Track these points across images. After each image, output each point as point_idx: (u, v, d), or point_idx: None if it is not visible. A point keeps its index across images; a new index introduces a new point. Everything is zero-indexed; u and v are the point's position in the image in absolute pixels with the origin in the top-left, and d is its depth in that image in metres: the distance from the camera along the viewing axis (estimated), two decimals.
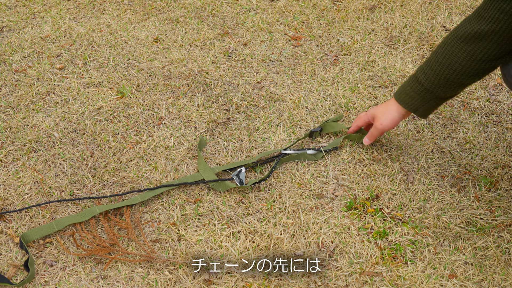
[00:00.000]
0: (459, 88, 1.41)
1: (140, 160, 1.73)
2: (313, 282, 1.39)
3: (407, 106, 1.50)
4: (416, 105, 1.48)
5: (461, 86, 1.40)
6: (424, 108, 1.48)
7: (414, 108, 1.49)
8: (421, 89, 1.45)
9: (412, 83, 1.47)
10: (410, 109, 1.50)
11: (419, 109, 1.49)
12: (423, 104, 1.47)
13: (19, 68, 2.11)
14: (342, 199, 1.61)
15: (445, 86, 1.40)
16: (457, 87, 1.41)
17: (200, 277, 1.40)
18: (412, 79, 1.48)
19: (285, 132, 1.82)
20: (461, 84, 1.39)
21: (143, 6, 2.48)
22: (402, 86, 1.51)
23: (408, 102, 1.49)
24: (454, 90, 1.42)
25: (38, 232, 1.47)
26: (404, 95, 1.50)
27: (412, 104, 1.49)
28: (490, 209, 1.58)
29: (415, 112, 1.50)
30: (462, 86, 1.40)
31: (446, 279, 1.40)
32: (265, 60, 2.16)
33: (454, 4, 2.45)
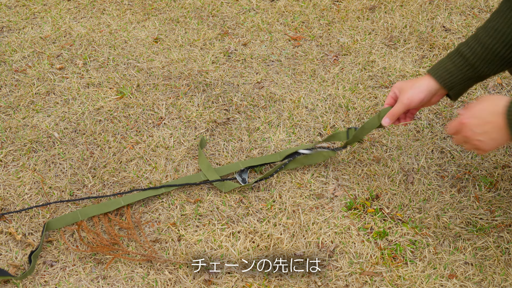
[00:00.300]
0: (506, 66, 1.33)
1: (140, 160, 1.73)
2: (313, 282, 1.39)
3: (443, 83, 1.36)
4: (453, 83, 1.35)
5: (509, 63, 1.32)
6: (460, 88, 1.36)
7: (451, 86, 1.36)
8: (464, 65, 1.33)
9: (455, 57, 1.35)
10: (446, 86, 1.36)
11: (455, 87, 1.36)
12: (461, 83, 1.35)
13: (19, 68, 2.11)
14: (342, 199, 1.61)
15: (492, 63, 1.31)
16: (505, 64, 1.32)
17: (200, 277, 1.40)
18: (454, 54, 1.36)
19: (285, 132, 1.82)
20: (510, 61, 1.31)
21: (143, 6, 2.48)
22: (441, 62, 1.38)
23: (446, 78, 1.35)
24: (500, 67, 1.32)
25: (63, 220, 1.49)
26: (442, 70, 1.36)
27: (450, 81, 1.35)
28: (490, 209, 1.58)
29: (450, 90, 1.37)
30: (510, 63, 1.32)
31: (446, 279, 1.40)
32: (265, 60, 2.16)
33: (454, 4, 2.45)
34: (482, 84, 2.02)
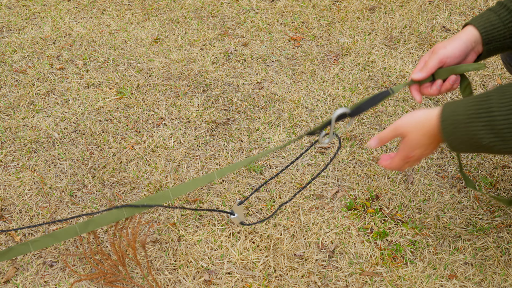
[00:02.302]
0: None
1: (140, 160, 1.73)
2: (313, 283, 1.39)
3: (485, 33, 1.22)
4: (494, 37, 1.22)
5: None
6: (495, 46, 1.24)
7: (490, 39, 1.22)
8: (509, 18, 1.21)
9: (499, 9, 1.22)
10: (485, 38, 1.22)
11: (493, 43, 1.23)
12: (500, 40, 1.22)
13: (19, 69, 2.11)
14: (342, 199, 1.61)
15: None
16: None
17: (200, 277, 1.40)
18: (497, 7, 1.23)
19: (285, 132, 1.82)
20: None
21: (143, 7, 2.48)
22: (482, 14, 1.25)
23: (488, 30, 1.22)
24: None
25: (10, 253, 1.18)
26: (485, 21, 1.23)
27: (491, 33, 1.22)
28: (490, 209, 1.58)
29: (487, 45, 1.23)
30: None
31: (446, 280, 1.40)
32: (265, 61, 2.16)
33: (454, 4, 2.45)
34: (482, 85, 2.02)
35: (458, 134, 1.02)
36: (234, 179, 1.66)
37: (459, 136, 1.02)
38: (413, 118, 1.08)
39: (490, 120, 0.98)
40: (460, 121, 1.01)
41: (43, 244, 1.17)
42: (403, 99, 1.95)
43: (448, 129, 1.03)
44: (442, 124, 1.03)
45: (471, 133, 1.00)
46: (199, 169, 1.70)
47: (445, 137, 1.04)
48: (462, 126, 1.01)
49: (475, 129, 1.00)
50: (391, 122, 1.85)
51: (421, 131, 1.07)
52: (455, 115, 1.03)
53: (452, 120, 1.03)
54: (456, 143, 1.04)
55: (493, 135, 0.98)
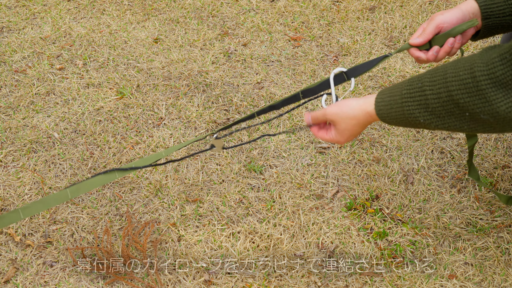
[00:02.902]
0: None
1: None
2: (313, 283, 1.39)
3: (484, 6, 1.22)
4: (493, 11, 1.23)
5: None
6: (495, 22, 1.23)
7: (488, 14, 1.23)
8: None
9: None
10: (484, 12, 1.21)
11: (492, 18, 1.23)
12: (500, 16, 1.22)
13: (19, 69, 2.11)
14: (342, 199, 1.61)
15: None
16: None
17: (200, 277, 1.40)
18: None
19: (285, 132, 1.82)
20: None
21: (143, 7, 2.48)
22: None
23: (488, 3, 1.22)
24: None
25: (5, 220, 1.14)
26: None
27: (490, 8, 1.22)
28: (490, 209, 1.58)
29: (485, 20, 1.22)
30: None
31: (446, 280, 1.40)
32: (265, 61, 2.16)
33: (454, 4, 2.45)
34: None
35: (394, 114, 1.06)
36: (234, 179, 1.66)
37: (395, 116, 1.06)
38: (342, 111, 1.13)
39: (423, 99, 1.01)
40: (395, 102, 1.05)
41: (33, 211, 1.16)
42: None
43: (383, 111, 1.06)
44: (377, 106, 1.07)
45: (406, 112, 1.04)
46: (199, 169, 1.70)
47: (381, 118, 1.08)
48: (397, 106, 1.05)
49: (409, 108, 1.03)
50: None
51: (352, 121, 1.12)
52: (391, 96, 1.06)
53: (387, 101, 1.06)
54: (393, 122, 1.08)
55: (427, 113, 1.01)
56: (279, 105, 1.27)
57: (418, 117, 1.03)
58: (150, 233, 1.50)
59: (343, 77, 1.26)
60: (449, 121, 1.00)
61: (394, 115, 1.06)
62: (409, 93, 1.04)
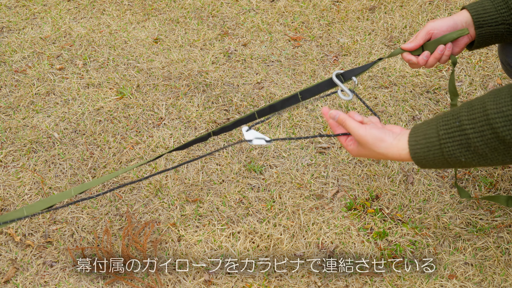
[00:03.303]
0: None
1: (140, 160, 1.73)
2: (313, 283, 1.39)
3: (476, 16, 1.25)
4: (485, 21, 1.25)
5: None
6: (488, 31, 1.26)
7: (481, 23, 1.25)
8: (502, 5, 1.24)
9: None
10: (476, 21, 1.25)
11: (484, 27, 1.25)
12: (493, 25, 1.25)
13: (19, 69, 2.11)
14: (342, 199, 1.61)
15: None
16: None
17: (200, 277, 1.40)
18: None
19: (285, 132, 1.82)
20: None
21: (143, 7, 2.48)
22: (479, 0, 1.28)
23: (480, 13, 1.25)
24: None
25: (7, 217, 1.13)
26: (478, 5, 1.26)
27: (483, 17, 1.25)
28: (490, 209, 1.58)
29: (478, 29, 1.26)
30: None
31: (446, 280, 1.40)
32: (265, 61, 2.16)
33: (454, 4, 2.45)
34: (482, 85, 2.02)
35: (431, 157, 1.01)
36: (234, 179, 1.66)
37: (432, 158, 1.01)
38: (373, 143, 1.06)
39: (464, 138, 0.96)
40: (432, 144, 1.00)
41: (37, 208, 1.15)
42: (403, 99, 1.95)
43: (420, 154, 1.01)
44: (412, 150, 1.02)
45: (446, 155, 0.99)
46: (199, 169, 1.70)
47: (416, 162, 1.02)
48: (435, 149, 0.99)
49: (449, 150, 0.98)
50: (391, 122, 1.85)
51: (378, 156, 1.07)
52: (426, 138, 1.01)
53: (423, 144, 1.01)
54: (429, 164, 1.02)
55: (469, 152, 0.97)
56: (279, 105, 1.26)
57: (460, 157, 0.98)
58: (150, 233, 1.50)
59: (340, 79, 1.29)
60: (492, 157, 0.95)
61: (432, 158, 1.00)
62: (447, 133, 0.98)
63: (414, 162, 1.03)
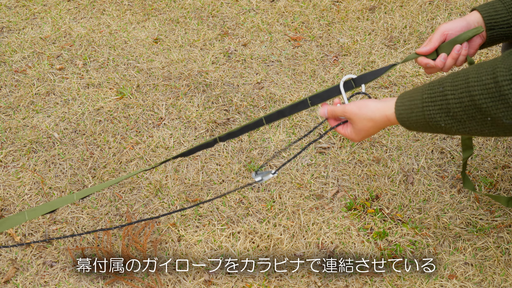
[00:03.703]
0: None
1: (140, 160, 1.73)
2: (313, 283, 1.39)
3: (488, 18, 1.25)
4: (497, 22, 1.25)
5: None
6: (500, 32, 1.26)
7: (492, 25, 1.26)
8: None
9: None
10: (488, 23, 1.26)
11: (496, 29, 1.26)
12: (504, 26, 1.26)
13: (19, 69, 2.11)
14: (342, 199, 1.61)
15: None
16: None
17: (200, 277, 1.40)
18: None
19: (285, 132, 1.82)
20: None
21: (143, 7, 2.48)
22: (489, 1, 1.29)
23: (492, 15, 1.26)
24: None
25: (8, 222, 1.18)
26: (489, 7, 1.27)
27: (494, 19, 1.26)
28: (490, 209, 1.58)
29: (490, 31, 1.26)
30: None
31: (446, 280, 1.40)
32: (265, 61, 2.16)
33: (454, 4, 2.45)
34: None
35: (414, 118, 1.05)
36: (234, 179, 1.66)
37: (415, 120, 1.06)
38: (360, 112, 1.13)
39: (444, 103, 1.01)
40: (416, 106, 1.04)
41: (39, 213, 1.17)
42: None
43: (404, 115, 1.06)
44: (397, 110, 1.07)
45: (427, 117, 1.03)
46: (199, 169, 1.70)
47: (401, 122, 1.07)
48: (418, 110, 1.04)
49: (430, 113, 1.03)
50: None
51: (369, 123, 1.12)
52: (411, 100, 1.06)
53: (408, 105, 1.06)
54: (412, 126, 1.07)
55: (449, 117, 1.01)
56: (287, 111, 1.28)
57: (439, 121, 1.02)
58: (150, 233, 1.50)
59: (351, 84, 1.27)
60: (470, 125, 0.99)
61: (415, 119, 1.06)
62: (430, 97, 1.03)
63: (399, 123, 1.08)
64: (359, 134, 1.16)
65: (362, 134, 1.16)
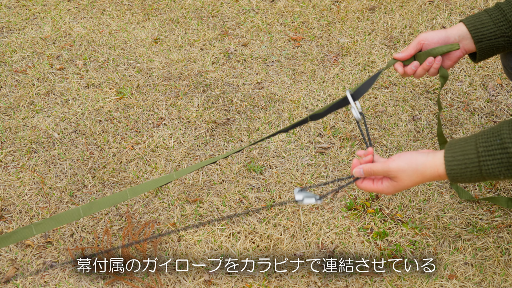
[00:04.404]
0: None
1: (140, 160, 1.73)
2: (313, 283, 1.39)
3: (474, 30, 1.25)
4: (484, 35, 1.25)
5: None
6: (488, 44, 1.26)
7: (480, 37, 1.25)
8: (500, 18, 1.24)
9: (492, 10, 1.25)
10: (475, 36, 1.25)
11: (484, 41, 1.25)
12: (492, 38, 1.25)
13: (19, 69, 2.11)
14: (342, 199, 1.61)
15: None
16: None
17: (200, 277, 1.40)
18: (491, 8, 1.27)
19: (285, 132, 1.82)
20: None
21: (143, 7, 2.48)
22: (476, 14, 1.28)
23: (478, 28, 1.25)
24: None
25: (15, 236, 1.18)
26: (475, 19, 1.26)
27: (481, 32, 1.25)
28: (490, 209, 1.58)
29: (478, 43, 1.26)
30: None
31: (446, 280, 1.40)
32: (265, 61, 2.16)
33: (454, 4, 2.45)
34: (482, 85, 2.02)
35: (468, 174, 0.99)
36: (234, 179, 1.66)
37: (469, 175, 1.00)
38: (409, 166, 1.04)
39: (505, 157, 0.95)
40: (471, 161, 0.98)
41: (46, 227, 1.17)
42: (403, 99, 1.95)
43: (457, 171, 1.00)
44: (448, 166, 1.01)
45: (484, 172, 0.98)
46: (199, 169, 1.70)
47: (451, 179, 1.01)
48: (473, 166, 0.98)
49: (489, 168, 0.97)
50: (390, 123, 1.85)
51: (418, 178, 1.05)
52: (464, 154, 0.99)
53: (461, 160, 0.99)
54: (465, 181, 1.01)
55: (509, 171, 0.96)
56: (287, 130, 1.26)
57: (499, 175, 0.97)
58: (150, 233, 1.50)
59: (347, 99, 1.23)
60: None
61: (469, 175, 0.99)
62: (487, 150, 0.97)
63: (448, 179, 1.02)
64: (397, 188, 1.07)
65: (401, 188, 1.08)
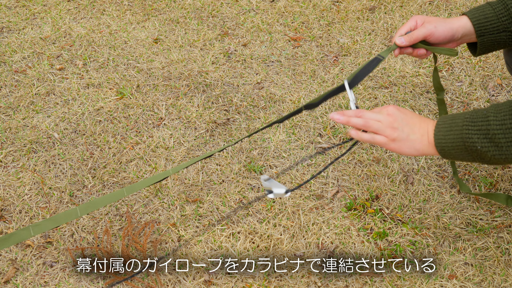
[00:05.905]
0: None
1: (140, 160, 1.73)
2: (313, 283, 1.39)
3: (477, 24, 1.26)
4: (487, 29, 1.27)
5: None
6: (490, 39, 1.28)
7: (482, 31, 1.27)
8: (504, 13, 1.26)
9: (496, 4, 1.27)
10: (478, 30, 1.27)
11: (486, 35, 1.27)
12: (494, 33, 1.27)
13: (19, 69, 2.11)
14: (342, 199, 1.61)
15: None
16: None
17: (200, 277, 1.40)
18: (495, 2, 1.28)
19: (285, 132, 1.82)
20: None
21: (143, 7, 2.48)
22: (479, 7, 1.29)
23: (482, 22, 1.27)
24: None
25: (14, 238, 1.15)
26: (479, 13, 1.27)
27: (484, 26, 1.27)
28: (490, 209, 1.58)
29: (480, 37, 1.28)
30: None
31: (446, 280, 1.40)
32: (265, 61, 2.16)
33: (454, 4, 2.45)
34: (482, 85, 2.02)
35: (451, 137, 1.06)
36: (234, 180, 1.66)
37: (451, 139, 1.06)
38: (406, 116, 1.11)
39: (485, 125, 1.02)
40: (456, 124, 1.05)
41: (44, 228, 1.16)
42: (403, 99, 1.95)
43: (442, 131, 1.06)
44: (437, 126, 1.07)
45: (464, 136, 1.04)
46: (199, 169, 1.70)
47: (437, 140, 1.07)
48: (457, 129, 1.05)
49: (468, 133, 1.03)
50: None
51: (416, 118, 1.11)
52: (452, 119, 1.06)
53: (448, 124, 1.06)
54: (448, 146, 1.07)
55: (487, 140, 1.02)
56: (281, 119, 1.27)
57: (476, 142, 1.03)
58: (150, 233, 1.50)
59: (343, 87, 1.25)
60: (507, 152, 1.00)
61: (451, 138, 1.06)
62: (471, 118, 1.05)
63: (434, 143, 1.08)
64: (397, 124, 1.10)
65: (405, 131, 1.10)
